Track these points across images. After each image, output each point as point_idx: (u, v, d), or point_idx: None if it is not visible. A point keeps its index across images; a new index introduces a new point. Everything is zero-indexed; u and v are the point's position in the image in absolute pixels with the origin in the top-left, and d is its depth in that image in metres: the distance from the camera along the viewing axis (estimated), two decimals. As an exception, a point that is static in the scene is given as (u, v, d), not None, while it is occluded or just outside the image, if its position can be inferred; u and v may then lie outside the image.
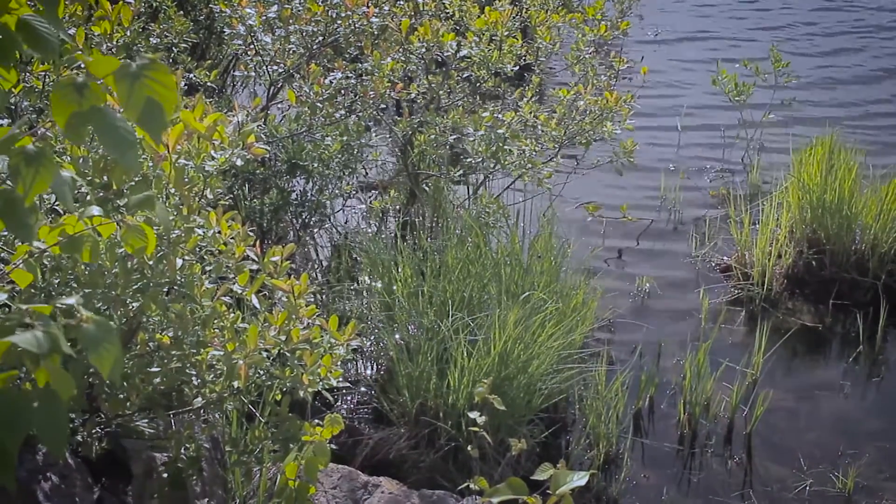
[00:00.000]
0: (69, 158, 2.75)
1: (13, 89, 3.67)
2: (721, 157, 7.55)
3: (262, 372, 2.91)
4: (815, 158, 5.97)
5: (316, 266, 5.41)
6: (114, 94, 1.71)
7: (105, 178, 2.65)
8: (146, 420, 3.06)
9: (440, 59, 5.33)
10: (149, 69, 1.66)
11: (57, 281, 2.70)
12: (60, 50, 2.73)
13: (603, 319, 5.31)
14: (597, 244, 6.07)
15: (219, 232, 2.77)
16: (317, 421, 3.03)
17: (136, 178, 2.59)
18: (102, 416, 2.95)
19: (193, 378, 2.89)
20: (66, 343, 1.56)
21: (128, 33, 4.29)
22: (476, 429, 3.68)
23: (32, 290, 2.61)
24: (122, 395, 2.86)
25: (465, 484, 3.36)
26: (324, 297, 4.88)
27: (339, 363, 2.98)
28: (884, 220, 5.69)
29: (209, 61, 6.24)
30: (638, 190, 6.95)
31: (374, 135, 5.56)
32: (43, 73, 3.82)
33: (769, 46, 8.12)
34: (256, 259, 2.87)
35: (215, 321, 2.81)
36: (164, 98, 1.67)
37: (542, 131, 5.30)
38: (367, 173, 5.93)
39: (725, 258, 6.04)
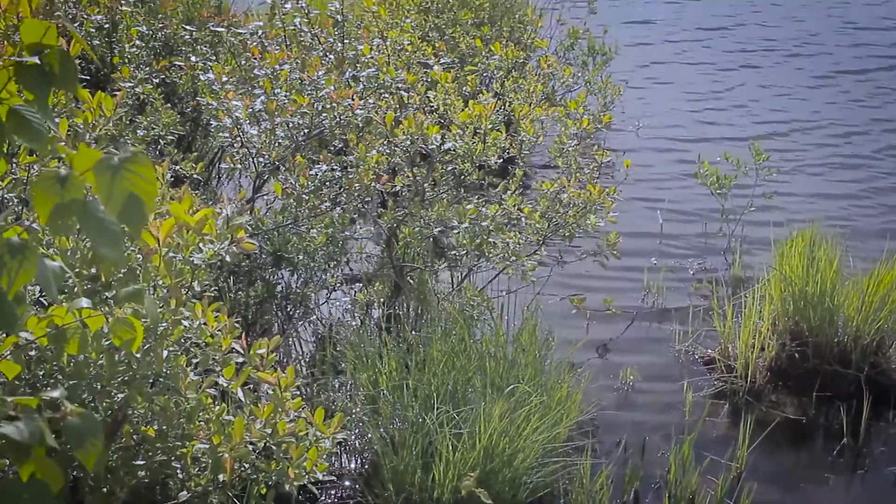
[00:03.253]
0: (57, 250, 2.75)
1: (1, 181, 3.69)
2: (703, 249, 7.61)
3: (247, 465, 2.87)
4: (797, 251, 6.02)
5: (301, 358, 5.39)
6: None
7: (93, 269, 2.65)
8: (129, 514, 3.01)
9: (425, 152, 5.38)
10: (130, 162, 1.68)
11: (42, 372, 2.68)
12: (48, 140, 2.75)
13: (587, 412, 5.28)
14: (581, 336, 6.07)
15: (205, 324, 2.77)
16: (301, 516, 3.00)
17: (124, 271, 2.59)
18: (85, 510, 2.91)
19: (178, 471, 2.86)
20: (51, 436, 1.55)
21: (111, 124, 4.31)
22: (462, 523, 3.64)
23: (17, 382, 2.59)
24: (106, 489, 2.82)
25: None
26: (309, 389, 4.86)
27: (324, 456, 2.95)
28: (865, 312, 5.72)
29: (195, 153, 6.28)
30: (621, 282, 6.97)
31: (359, 227, 5.59)
32: (28, 165, 3.83)
33: (750, 140, 8.23)
34: (242, 352, 2.86)
35: (201, 413, 2.79)
36: (144, 192, 1.68)
37: (526, 224, 5.33)
38: (350, 267, 5.94)
39: (709, 351, 6.05)
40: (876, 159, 9.53)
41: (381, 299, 5.59)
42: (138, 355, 2.62)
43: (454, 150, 5.25)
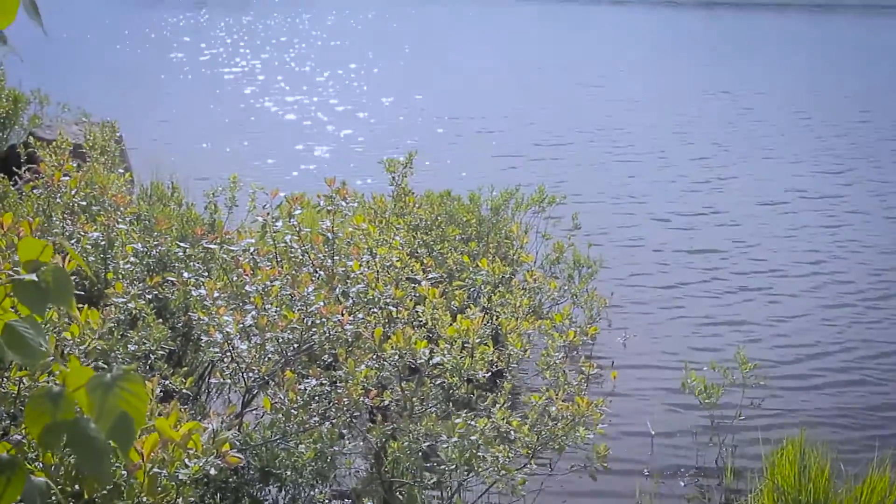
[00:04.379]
0: (41, 465, 2.74)
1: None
2: (695, 460, 7.55)
3: None
4: (787, 459, 6.00)
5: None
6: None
7: (77, 486, 2.64)
8: None
9: (413, 366, 5.42)
10: (122, 380, 1.71)
11: None
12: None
13: None
14: (573, 552, 5.96)
15: (190, 542, 2.74)
16: None
17: (109, 487, 2.58)
18: None
19: None
20: None
21: (100, 339, 4.36)
22: None
23: None
24: None
25: None
26: None
27: None
28: (861, 522, 5.66)
29: (185, 368, 6.31)
30: (613, 495, 6.89)
31: (347, 442, 5.57)
32: (19, 379, 3.85)
33: (736, 348, 8.29)
34: (227, 570, 2.82)
35: None
36: (135, 410, 1.70)
37: (516, 437, 5.33)
38: (338, 483, 5.88)
39: (704, 565, 5.93)
40: (865, 368, 9.56)
41: (370, 515, 5.52)
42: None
43: (442, 365, 5.30)
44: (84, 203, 6.63)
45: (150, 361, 5.58)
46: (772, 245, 13.64)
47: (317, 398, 4.98)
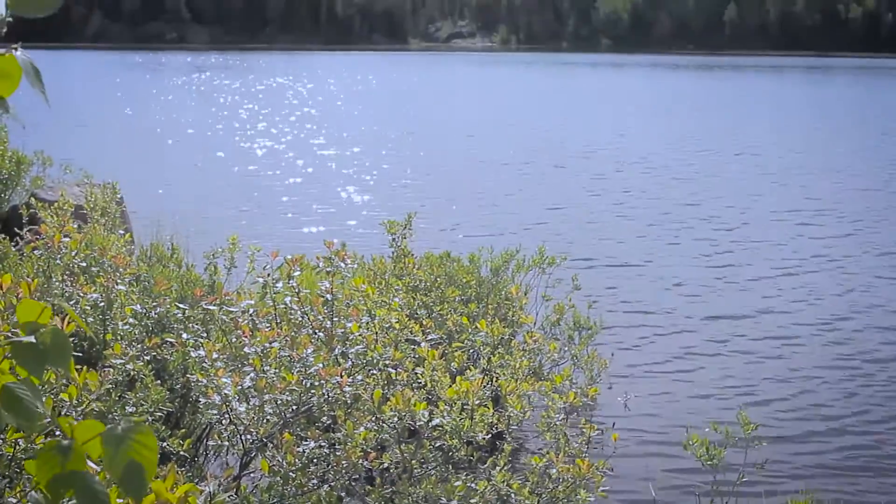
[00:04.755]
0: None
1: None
2: (698, 525, 7.49)
3: None
4: (792, 525, 5.94)
5: None
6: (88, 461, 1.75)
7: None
8: None
9: (413, 428, 5.39)
10: (133, 432, 1.72)
11: None
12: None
13: None
14: None
15: None
16: None
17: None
18: None
19: None
20: None
21: (98, 400, 4.34)
22: None
23: None
24: None
25: None
26: None
27: None
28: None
29: (183, 430, 6.27)
30: (615, 559, 6.82)
31: (346, 505, 5.52)
32: (15, 441, 3.84)
33: (737, 409, 8.23)
34: None
35: None
36: (145, 460, 1.72)
37: (516, 500, 5.28)
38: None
39: None
40: (874, 432, 9.48)
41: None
42: None
43: (442, 427, 5.27)
44: (84, 264, 6.64)
45: (147, 423, 5.55)
46: (783, 308, 13.54)
47: (315, 460, 4.95)
